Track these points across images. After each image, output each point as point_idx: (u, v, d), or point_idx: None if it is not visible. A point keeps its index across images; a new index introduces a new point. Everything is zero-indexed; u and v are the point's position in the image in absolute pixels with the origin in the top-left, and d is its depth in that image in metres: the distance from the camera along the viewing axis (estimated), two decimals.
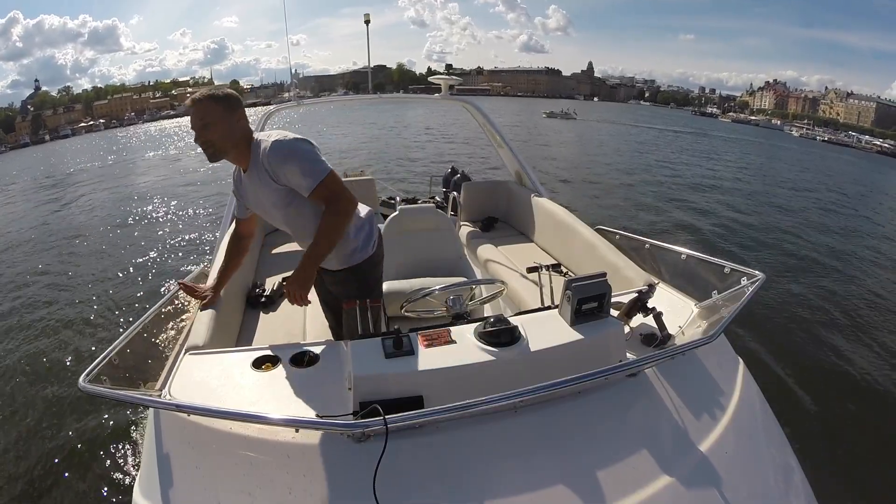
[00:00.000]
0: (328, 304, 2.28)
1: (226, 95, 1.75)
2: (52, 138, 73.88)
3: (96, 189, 16.65)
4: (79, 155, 32.52)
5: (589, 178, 15.49)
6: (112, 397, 1.41)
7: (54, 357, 4.91)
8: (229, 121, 1.73)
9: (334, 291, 2.14)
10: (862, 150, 60.62)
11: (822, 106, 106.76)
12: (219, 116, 1.71)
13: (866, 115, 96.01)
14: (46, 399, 4.16)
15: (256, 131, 1.83)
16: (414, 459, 1.25)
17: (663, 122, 57.79)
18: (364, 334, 1.62)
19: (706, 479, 1.30)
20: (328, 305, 2.29)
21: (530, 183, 4.21)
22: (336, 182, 1.77)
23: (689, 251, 2.25)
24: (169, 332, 1.97)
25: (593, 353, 1.48)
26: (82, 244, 9.33)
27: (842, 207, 14.34)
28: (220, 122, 1.72)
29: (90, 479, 3.24)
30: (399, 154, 19.92)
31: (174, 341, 1.86)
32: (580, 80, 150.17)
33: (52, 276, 7.62)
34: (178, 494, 1.28)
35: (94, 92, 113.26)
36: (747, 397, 1.63)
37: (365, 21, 4.23)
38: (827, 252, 8.80)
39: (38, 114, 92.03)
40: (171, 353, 1.74)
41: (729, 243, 8.83)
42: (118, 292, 6.60)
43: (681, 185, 14.88)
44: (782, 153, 35.03)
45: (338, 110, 35.50)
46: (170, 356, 1.71)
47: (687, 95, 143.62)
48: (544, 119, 47.40)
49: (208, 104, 1.70)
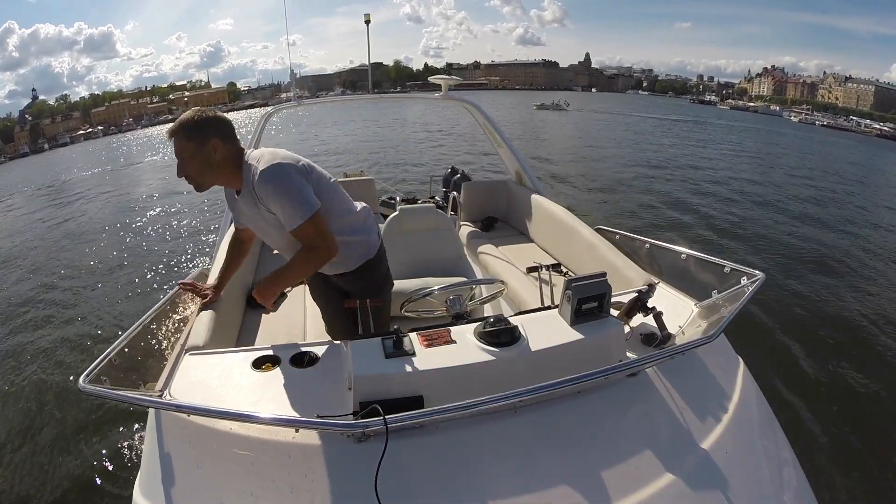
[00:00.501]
0: (327, 303, 2.29)
1: (198, 127, 1.67)
2: (50, 147, 73.45)
3: (98, 194, 16.67)
4: (79, 162, 32.36)
5: (585, 172, 15.32)
6: (112, 397, 1.41)
7: (54, 357, 4.93)
8: (202, 153, 1.68)
9: (347, 289, 2.13)
10: (862, 133, 60.28)
11: (820, 91, 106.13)
12: (191, 152, 1.68)
13: (865, 98, 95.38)
14: (46, 399, 4.17)
15: (251, 144, 1.83)
16: (414, 459, 1.25)
17: (662, 112, 57.37)
18: (364, 334, 1.63)
19: (706, 479, 1.30)
20: (327, 305, 2.30)
21: (530, 182, 4.21)
22: (315, 226, 1.73)
23: (689, 251, 2.25)
24: (169, 332, 1.97)
25: (593, 353, 1.48)
26: (90, 247, 9.35)
27: (840, 195, 14.24)
28: (193, 156, 1.68)
29: (90, 479, 3.25)
30: (398, 147, 20.04)
31: (174, 341, 1.86)
32: (578, 72, 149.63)
33: (56, 277, 7.67)
34: (178, 494, 1.28)
35: (92, 99, 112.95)
36: (747, 397, 1.63)
37: (365, 21, 4.26)
38: (827, 247, 8.73)
39: (37, 123, 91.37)
40: (171, 353, 1.74)
41: (725, 238, 8.79)
42: (119, 293, 6.66)
43: (679, 179, 14.66)
44: (781, 139, 34.64)
45: (335, 109, 35.43)
46: (170, 356, 1.71)
47: (685, 84, 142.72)
48: (535, 111, 47.08)
49: (179, 140, 1.67)
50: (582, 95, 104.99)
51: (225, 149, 1.72)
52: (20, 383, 4.52)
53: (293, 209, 1.69)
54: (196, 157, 1.68)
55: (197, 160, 1.69)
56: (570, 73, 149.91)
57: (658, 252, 2.49)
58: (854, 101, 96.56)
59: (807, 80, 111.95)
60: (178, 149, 1.68)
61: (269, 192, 1.69)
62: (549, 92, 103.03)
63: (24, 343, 5.43)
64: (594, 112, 50.08)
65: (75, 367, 4.64)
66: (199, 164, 1.69)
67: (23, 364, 4.89)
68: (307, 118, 35.43)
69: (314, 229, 1.72)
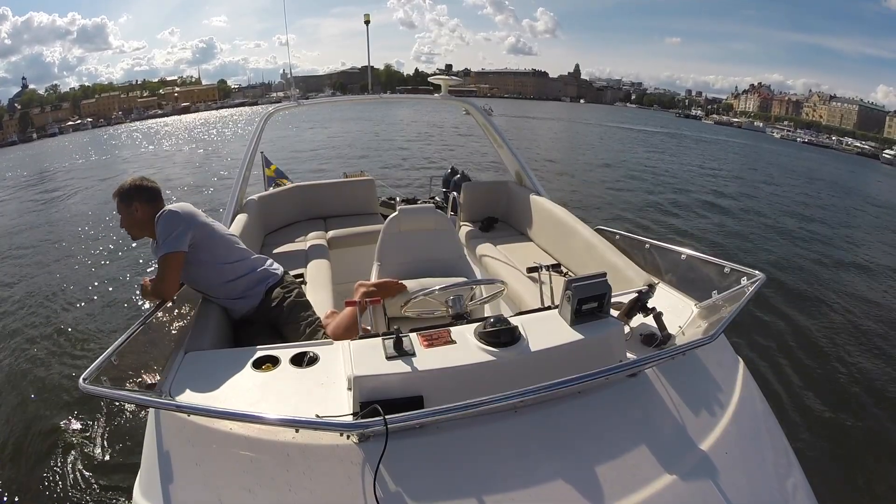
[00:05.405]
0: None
1: (124, 192, 2.17)
2: (39, 137, 72.85)
3: (89, 184, 16.75)
4: (70, 152, 32.44)
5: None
6: (112, 397, 1.40)
7: (55, 357, 4.89)
8: (127, 212, 2.17)
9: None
10: (842, 151, 60.95)
11: (805, 108, 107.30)
12: (120, 210, 2.19)
13: (849, 117, 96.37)
14: (47, 399, 4.15)
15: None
16: (414, 459, 1.25)
17: (643, 123, 57.86)
18: (364, 335, 1.62)
19: (706, 479, 1.30)
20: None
21: (530, 183, 4.22)
22: (163, 266, 2.08)
23: (689, 251, 2.26)
24: (169, 332, 1.96)
25: (593, 353, 1.48)
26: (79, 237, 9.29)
27: (826, 204, 15.11)
28: (122, 214, 2.19)
29: (90, 479, 3.23)
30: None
31: (174, 341, 1.85)
32: (567, 83, 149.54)
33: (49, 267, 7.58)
34: (178, 494, 1.28)
35: (82, 90, 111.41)
36: (747, 397, 1.63)
37: (365, 22, 4.28)
38: (822, 248, 8.96)
39: (26, 112, 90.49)
40: (171, 353, 1.73)
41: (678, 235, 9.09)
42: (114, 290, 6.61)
43: (649, 190, 14.88)
44: (758, 154, 35.16)
45: (325, 109, 35.54)
46: (170, 356, 1.70)
47: (673, 98, 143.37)
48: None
49: (114, 199, 2.19)
50: (569, 106, 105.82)
51: (144, 212, 2.17)
52: (19, 381, 4.48)
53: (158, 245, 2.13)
54: (123, 215, 2.19)
55: (123, 217, 2.19)
56: (560, 83, 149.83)
57: (658, 252, 2.49)
58: (838, 119, 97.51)
59: (792, 98, 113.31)
60: (116, 209, 2.20)
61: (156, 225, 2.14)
62: (539, 102, 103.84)
63: (24, 328, 5.47)
64: (553, 121, 50.87)
65: (74, 367, 4.62)
66: (126, 219, 2.19)
67: (21, 360, 4.86)
68: (293, 117, 35.36)
69: (163, 265, 2.08)
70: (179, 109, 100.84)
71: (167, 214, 2.11)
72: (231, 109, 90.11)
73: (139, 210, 2.16)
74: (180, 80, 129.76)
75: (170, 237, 2.07)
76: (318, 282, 3.20)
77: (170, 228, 2.08)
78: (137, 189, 2.17)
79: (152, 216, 2.14)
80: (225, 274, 2.24)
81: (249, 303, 2.29)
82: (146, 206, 2.17)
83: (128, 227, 2.20)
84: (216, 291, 2.25)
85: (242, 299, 2.28)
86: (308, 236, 4.07)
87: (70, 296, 6.57)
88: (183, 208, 2.19)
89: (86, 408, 3.88)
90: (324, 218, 4.57)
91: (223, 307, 2.28)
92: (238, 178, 3.78)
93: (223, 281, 2.24)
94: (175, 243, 2.07)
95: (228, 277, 2.25)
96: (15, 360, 4.89)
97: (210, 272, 2.22)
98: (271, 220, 4.27)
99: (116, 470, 3.29)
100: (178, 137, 38.22)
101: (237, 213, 3.60)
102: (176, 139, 36.78)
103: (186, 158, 23.76)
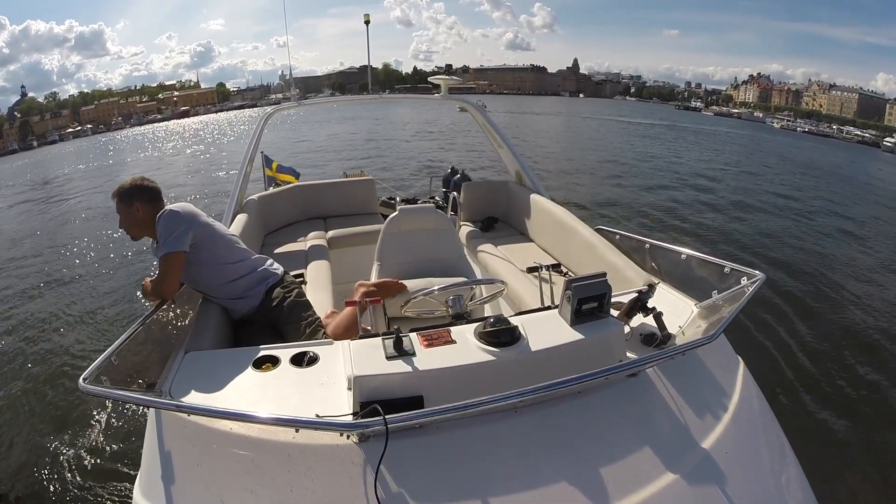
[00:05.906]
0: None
1: (124, 192, 2.17)
2: (39, 144, 73.07)
3: (91, 190, 16.73)
4: (71, 159, 32.50)
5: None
6: (112, 397, 1.41)
7: (55, 357, 4.90)
8: (127, 211, 2.17)
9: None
10: (843, 140, 60.31)
11: (805, 98, 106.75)
12: (120, 210, 2.18)
13: (849, 106, 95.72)
14: (47, 399, 4.16)
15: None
16: (414, 459, 1.25)
17: (642, 116, 57.62)
18: (364, 335, 1.62)
19: (706, 479, 1.30)
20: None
21: (530, 183, 4.22)
22: (164, 266, 2.08)
23: (689, 251, 2.25)
24: (169, 332, 1.96)
25: (593, 353, 1.48)
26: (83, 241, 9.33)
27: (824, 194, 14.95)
28: (122, 214, 2.19)
29: (90, 479, 3.24)
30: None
31: (174, 341, 1.86)
32: (566, 77, 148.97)
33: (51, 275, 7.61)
34: (178, 494, 1.28)
35: (81, 97, 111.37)
36: (747, 397, 1.63)
37: (365, 21, 4.30)
38: (819, 247, 8.89)
39: (26, 120, 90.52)
40: (171, 353, 1.73)
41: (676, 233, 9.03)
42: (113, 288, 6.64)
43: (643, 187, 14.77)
44: (757, 144, 34.90)
45: (324, 109, 35.62)
46: (170, 356, 1.71)
47: (672, 90, 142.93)
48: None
49: (114, 199, 2.18)
50: (568, 101, 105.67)
51: (144, 212, 2.17)
52: (17, 380, 4.51)
53: (159, 244, 2.12)
54: (123, 214, 2.18)
55: (123, 216, 2.19)
56: (558, 78, 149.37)
57: (658, 252, 2.49)
58: (838, 108, 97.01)
59: (791, 88, 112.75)
60: (116, 209, 2.19)
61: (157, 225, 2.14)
62: (537, 97, 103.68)
63: (24, 327, 5.48)
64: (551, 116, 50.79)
65: (74, 367, 4.63)
66: (125, 219, 2.19)
67: (20, 359, 4.88)
68: (289, 118, 35.47)
69: (164, 263, 2.08)
70: (179, 113, 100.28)
71: (168, 214, 2.12)
72: (230, 112, 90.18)
73: (140, 210, 2.16)
74: (179, 85, 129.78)
75: (171, 237, 2.08)
76: (318, 282, 3.20)
77: (171, 228, 2.09)
78: (138, 189, 2.18)
79: (153, 216, 2.15)
80: (225, 274, 2.25)
81: (250, 303, 2.30)
82: (147, 205, 2.17)
83: (127, 228, 2.21)
84: (216, 291, 2.25)
85: (243, 299, 2.29)
86: (308, 236, 4.08)
87: (70, 295, 6.59)
88: (184, 208, 2.20)
89: (86, 408, 3.89)
90: (324, 218, 4.58)
91: (223, 307, 2.28)
92: (238, 178, 3.79)
93: (224, 281, 2.25)
94: (176, 243, 2.07)
95: (229, 277, 2.26)
96: (15, 359, 4.91)
97: (210, 272, 2.23)
98: (271, 220, 4.28)
99: (116, 470, 3.30)
100: (179, 139, 38.59)
101: (237, 213, 3.61)
102: (178, 140, 37.19)
103: (187, 161, 23.97)
